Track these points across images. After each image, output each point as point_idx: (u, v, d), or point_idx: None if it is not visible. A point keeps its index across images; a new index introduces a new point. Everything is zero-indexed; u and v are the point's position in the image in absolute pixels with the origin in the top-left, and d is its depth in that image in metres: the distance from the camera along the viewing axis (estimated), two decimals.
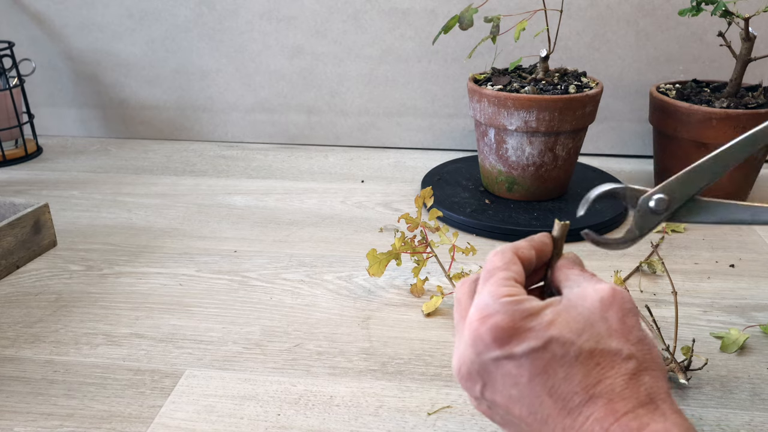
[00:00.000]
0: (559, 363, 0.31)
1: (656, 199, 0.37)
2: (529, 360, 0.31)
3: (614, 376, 0.31)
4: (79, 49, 1.13)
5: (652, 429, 0.29)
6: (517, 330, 0.32)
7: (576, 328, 0.32)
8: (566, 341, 0.31)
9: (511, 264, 0.36)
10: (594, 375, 0.31)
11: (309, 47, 1.08)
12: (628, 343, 0.32)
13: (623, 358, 0.31)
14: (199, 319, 0.62)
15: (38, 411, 0.50)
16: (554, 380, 0.31)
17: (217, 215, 0.86)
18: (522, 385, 0.32)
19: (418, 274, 0.65)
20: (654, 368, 0.32)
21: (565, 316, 0.32)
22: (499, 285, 0.34)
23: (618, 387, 0.31)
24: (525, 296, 0.34)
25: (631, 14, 0.99)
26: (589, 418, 0.30)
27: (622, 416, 0.30)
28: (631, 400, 0.30)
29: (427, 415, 0.49)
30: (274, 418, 0.49)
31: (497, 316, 0.32)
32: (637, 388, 0.31)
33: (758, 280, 0.69)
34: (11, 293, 0.67)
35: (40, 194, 0.93)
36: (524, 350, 0.31)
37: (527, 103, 0.77)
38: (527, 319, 0.32)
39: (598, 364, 0.31)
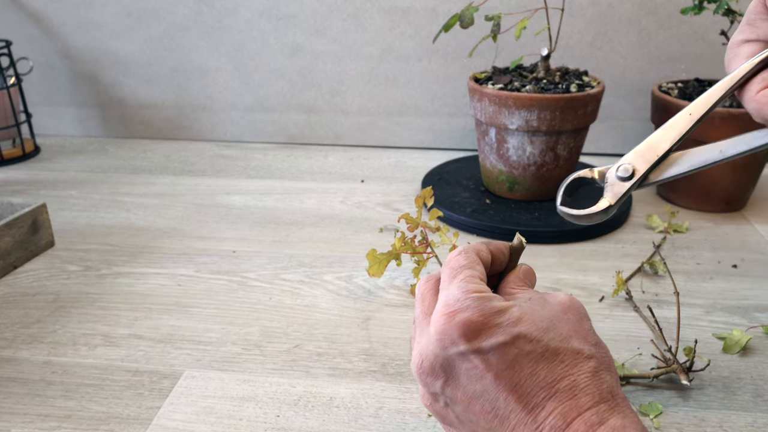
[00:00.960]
0: (526, 359, 0.32)
1: (622, 168, 0.37)
2: (496, 355, 0.32)
3: (578, 373, 0.32)
4: (77, 47, 1.13)
5: (611, 424, 0.31)
6: (486, 325, 0.32)
7: (542, 326, 0.33)
8: (533, 338, 0.32)
9: (476, 264, 0.36)
10: (559, 371, 0.32)
11: (309, 46, 1.08)
12: (588, 343, 0.34)
13: (585, 357, 0.33)
14: (198, 320, 0.61)
15: (36, 412, 0.49)
16: (520, 376, 0.32)
17: (216, 215, 0.85)
18: (487, 381, 0.32)
19: (418, 275, 0.65)
20: (611, 369, 0.34)
21: (531, 314, 0.33)
22: (467, 281, 0.34)
23: (582, 383, 0.32)
24: (492, 294, 0.34)
25: (633, 13, 0.99)
26: (552, 413, 0.31)
27: (585, 411, 0.31)
28: (594, 395, 0.31)
29: (427, 417, 0.49)
30: (274, 420, 0.49)
31: (468, 311, 0.33)
32: (599, 385, 0.32)
33: (761, 280, 0.68)
34: (9, 294, 0.66)
35: (37, 194, 0.93)
36: (492, 345, 0.32)
37: (528, 103, 0.76)
38: (496, 315, 0.33)
39: (563, 361, 0.32)
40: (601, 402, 0.31)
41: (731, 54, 0.36)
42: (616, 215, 0.80)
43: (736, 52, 0.36)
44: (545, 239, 0.76)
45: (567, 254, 0.74)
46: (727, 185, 0.83)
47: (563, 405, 0.31)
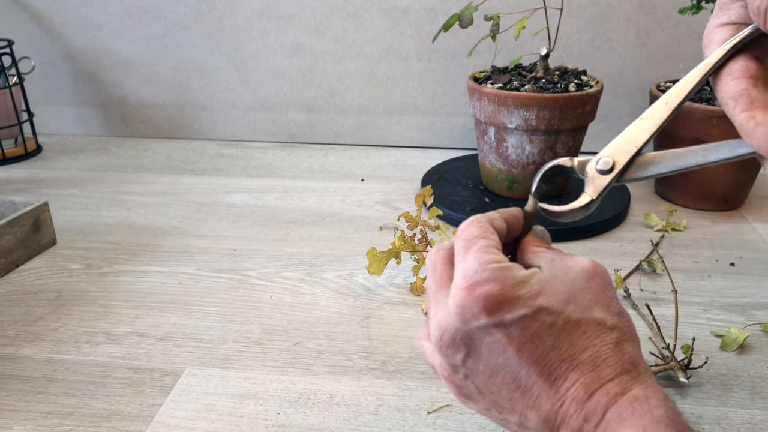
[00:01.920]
0: (548, 332, 0.31)
1: (602, 161, 0.36)
2: (518, 329, 0.31)
3: (600, 344, 0.32)
4: (79, 47, 1.13)
5: (633, 394, 0.30)
6: (507, 298, 0.31)
7: (563, 297, 0.32)
8: (555, 310, 0.32)
9: (490, 233, 0.35)
10: (581, 343, 0.31)
11: (309, 45, 1.08)
12: (611, 313, 0.33)
13: (608, 328, 0.32)
14: (199, 318, 0.62)
15: (38, 409, 0.50)
16: (542, 348, 0.31)
17: (216, 214, 0.86)
18: (509, 354, 0.32)
19: (417, 273, 0.65)
20: (634, 339, 0.33)
21: (552, 285, 0.32)
22: (484, 252, 0.33)
23: (603, 354, 0.31)
24: (511, 263, 0.33)
25: (632, 12, 0.99)
26: (575, 384, 0.31)
27: (607, 382, 0.31)
28: (616, 366, 0.31)
29: (427, 414, 0.49)
30: (274, 417, 0.49)
31: (488, 284, 0.32)
32: (621, 356, 0.32)
33: (758, 278, 0.69)
34: (11, 292, 0.67)
35: (39, 193, 0.93)
36: (513, 318, 0.31)
37: (527, 102, 0.77)
38: (516, 287, 0.32)
39: (585, 332, 0.32)
40: (624, 373, 0.31)
41: (706, 40, 0.35)
42: (614, 214, 0.80)
43: (711, 38, 0.34)
44: None
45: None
46: (725, 184, 0.83)
47: (585, 376, 0.31)
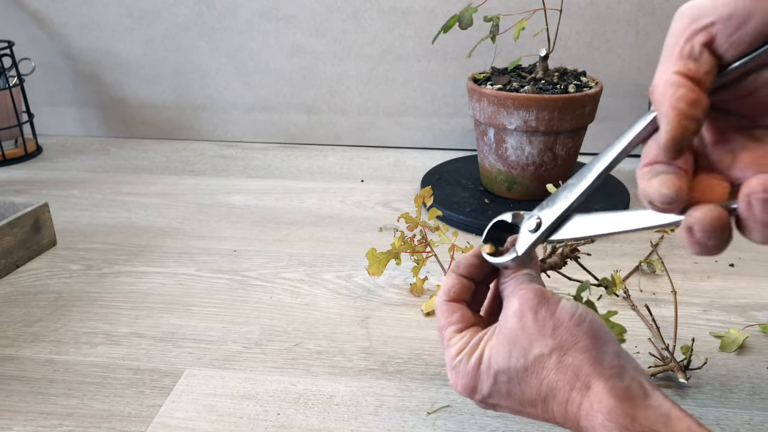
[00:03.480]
0: (512, 386, 0.37)
1: (530, 220, 0.39)
2: (495, 394, 0.37)
3: (547, 374, 0.35)
4: (79, 48, 1.13)
5: (583, 408, 0.34)
6: (474, 381, 0.38)
7: (505, 353, 0.37)
8: (505, 369, 0.36)
9: (450, 316, 0.41)
10: (535, 382, 0.36)
11: (308, 46, 1.08)
12: (546, 338, 0.36)
13: (547, 356, 0.35)
14: (199, 319, 0.62)
15: (38, 410, 0.50)
16: (519, 396, 0.37)
17: (216, 215, 0.86)
18: (507, 405, 0.38)
19: (417, 274, 0.65)
20: (573, 345, 0.35)
21: (497, 347, 0.37)
22: (449, 345, 0.40)
23: (552, 381, 0.35)
24: (469, 345, 0.39)
25: (631, 13, 0.99)
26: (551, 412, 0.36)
27: (566, 404, 0.35)
28: (566, 387, 0.35)
29: (427, 415, 0.49)
30: (274, 418, 0.49)
31: (459, 379, 0.39)
32: (564, 374, 0.35)
33: (758, 279, 0.69)
34: (11, 292, 0.67)
35: (39, 194, 0.93)
36: (487, 392, 0.38)
37: (527, 103, 0.77)
38: (477, 370, 0.38)
39: (533, 372, 0.36)
40: (571, 390, 0.34)
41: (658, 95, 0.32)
42: None
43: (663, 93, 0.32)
44: None
45: None
46: None
47: (551, 405, 0.35)
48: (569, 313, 0.36)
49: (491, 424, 0.48)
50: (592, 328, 0.36)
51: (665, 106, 0.29)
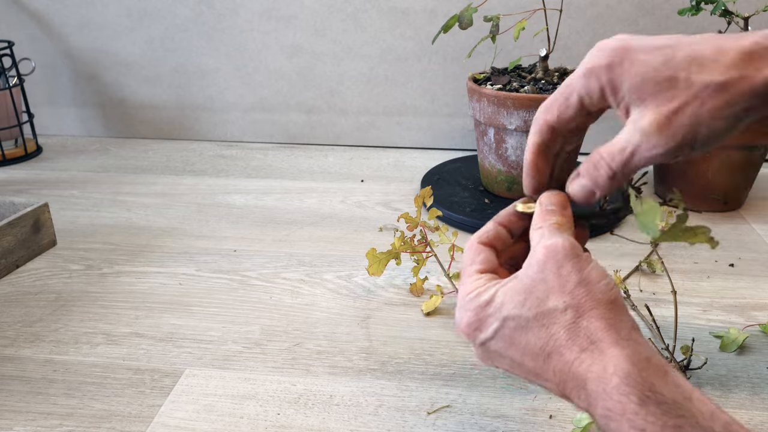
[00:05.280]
0: (518, 333, 0.36)
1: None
2: (498, 338, 0.37)
3: (557, 331, 0.34)
4: (79, 48, 1.13)
5: (593, 371, 0.32)
6: (480, 320, 0.37)
7: (519, 301, 0.36)
8: (515, 316, 0.36)
9: (476, 256, 0.40)
10: (543, 335, 0.35)
11: (308, 46, 1.08)
12: (564, 294, 0.35)
13: (561, 312, 0.34)
14: (199, 319, 0.62)
15: (38, 410, 0.50)
16: (522, 346, 0.36)
17: (216, 215, 0.86)
18: (507, 354, 0.37)
19: (417, 274, 0.65)
20: (590, 309, 0.34)
21: (511, 293, 0.36)
22: (465, 283, 0.39)
23: (562, 339, 0.34)
24: (485, 286, 0.38)
25: (631, 14, 0.99)
26: (552, 371, 0.34)
27: (571, 363, 0.33)
28: (574, 348, 0.33)
29: (427, 415, 0.49)
30: (274, 418, 0.49)
31: (465, 313, 0.38)
32: (576, 336, 0.34)
33: (758, 279, 0.69)
34: (11, 292, 0.67)
35: (39, 194, 0.93)
36: (491, 333, 0.37)
37: (527, 103, 0.77)
38: (486, 308, 0.37)
39: (543, 325, 0.35)
40: (582, 352, 0.33)
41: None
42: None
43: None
44: None
45: None
46: (724, 185, 0.83)
47: (555, 362, 0.34)
48: (597, 277, 0.35)
49: (491, 424, 0.48)
50: (616, 299, 0.35)
51: None
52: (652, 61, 0.35)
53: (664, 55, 0.35)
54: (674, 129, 0.34)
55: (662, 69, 0.35)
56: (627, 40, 0.36)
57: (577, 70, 0.38)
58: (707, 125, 0.34)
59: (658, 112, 0.35)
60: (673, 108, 0.34)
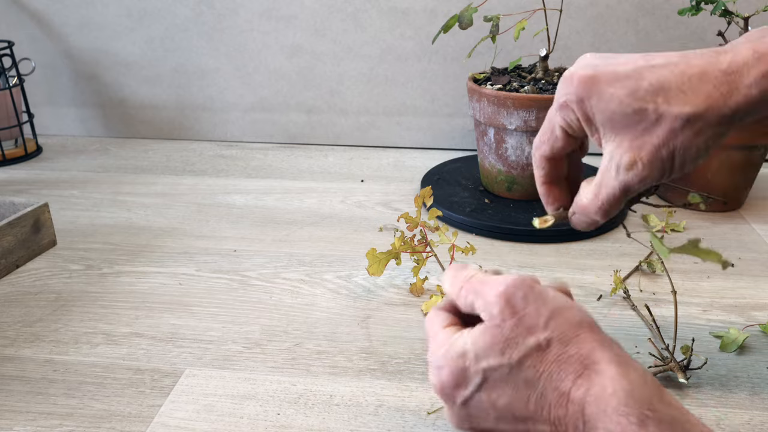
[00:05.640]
0: (504, 383, 0.34)
1: None
2: (483, 392, 0.34)
3: (547, 367, 0.33)
4: (79, 48, 1.13)
5: (592, 394, 0.31)
6: (459, 376, 0.35)
7: (497, 350, 0.34)
8: (497, 365, 0.34)
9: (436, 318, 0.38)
10: (532, 375, 0.33)
11: (308, 46, 1.08)
12: (542, 330, 0.33)
13: (545, 348, 0.33)
14: (199, 319, 0.62)
15: (38, 410, 0.50)
16: (510, 394, 0.33)
17: (216, 215, 0.86)
18: (494, 407, 0.34)
19: (417, 274, 0.65)
20: (575, 335, 0.33)
21: (483, 342, 0.34)
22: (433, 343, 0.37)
23: (554, 373, 0.32)
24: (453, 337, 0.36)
25: (631, 14, 0.99)
26: (549, 408, 0.32)
27: (569, 393, 0.32)
28: (569, 377, 0.32)
29: (427, 415, 0.49)
30: (274, 418, 0.49)
31: (441, 371, 0.35)
32: (568, 365, 0.32)
33: (758, 279, 0.69)
34: (11, 292, 0.67)
35: (39, 194, 0.93)
36: (474, 388, 0.34)
37: (527, 103, 0.77)
38: (461, 359, 0.34)
39: (530, 366, 0.33)
40: (577, 378, 0.32)
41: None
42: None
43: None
44: (543, 239, 0.77)
45: (565, 253, 0.74)
46: (724, 185, 0.83)
47: (551, 399, 0.32)
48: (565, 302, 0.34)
49: None
50: (591, 318, 0.34)
51: None
52: (618, 93, 0.36)
53: (629, 86, 0.36)
54: (653, 162, 0.36)
55: (629, 101, 0.36)
56: (593, 69, 0.37)
57: (554, 102, 0.39)
58: (682, 154, 0.35)
59: (634, 148, 0.36)
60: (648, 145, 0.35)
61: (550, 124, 0.41)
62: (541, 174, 0.43)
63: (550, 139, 0.41)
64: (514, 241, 0.77)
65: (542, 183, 0.43)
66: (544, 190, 0.44)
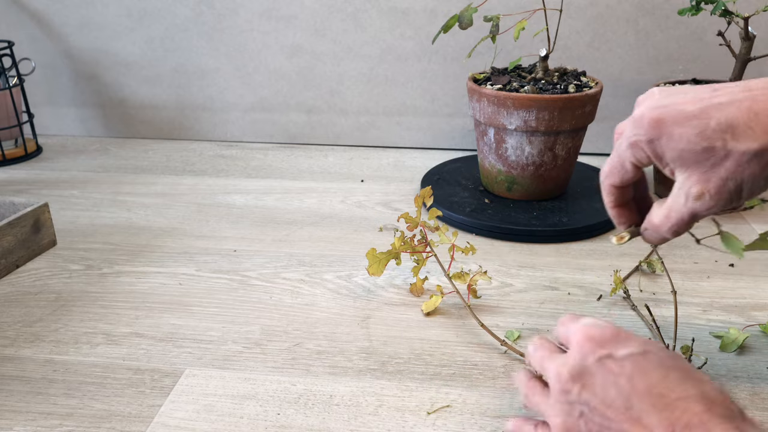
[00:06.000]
0: (656, 368, 0.36)
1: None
2: (629, 361, 0.36)
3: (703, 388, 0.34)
4: (79, 48, 1.13)
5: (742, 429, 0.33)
6: (619, 337, 0.38)
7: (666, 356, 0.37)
8: (662, 358, 0.36)
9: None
10: (689, 382, 0.35)
11: (308, 46, 1.08)
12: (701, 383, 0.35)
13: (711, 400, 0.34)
14: (199, 319, 0.62)
15: (38, 410, 0.50)
16: (651, 380, 0.35)
17: (216, 215, 0.86)
18: (621, 384, 0.35)
19: (417, 274, 0.65)
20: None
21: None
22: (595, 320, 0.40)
23: (711, 394, 0.34)
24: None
25: (631, 13, 0.99)
26: (686, 412, 0.33)
27: (718, 417, 0.33)
28: (724, 408, 0.34)
29: (427, 415, 0.49)
30: (274, 418, 0.49)
31: (603, 328, 0.38)
32: (723, 400, 0.34)
33: (758, 279, 0.69)
34: (11, 292, 0.67)
35: (39, 194, 0.93)
36: (625, 354, 0.37)
37: (527, 103, 0.77)
38: (626, 333, 0.38)
39: (690, 377, 0.35)
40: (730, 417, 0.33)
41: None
42: None
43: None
44: (543, 239, 0.77)
45: (565, 253, 0.75)
46: None
47: (698, 407, 0.33)
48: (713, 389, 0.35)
49: (491, 424, 0.48)
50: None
51: None
52: (688, 133, 0.38)
53: (698, 126, 0.38)
54: (720, 194, 0.38)
55: (698, 141, 0.38)
56: (661, 111, 0.40)
57: (621, 141, 0.43)
58: (750, 185, 0.38)
59: (703, 181, 0.39)
60: (716, 178, 0.38)
61: (620, 159, 0.43)
62: (611, 200, 0.46)
63: (620, 172, 0.44)
64: (514, 241, 0.77)
65: (612, 207, 0.47)
66: (614, 213, 0.47)
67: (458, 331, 0.60)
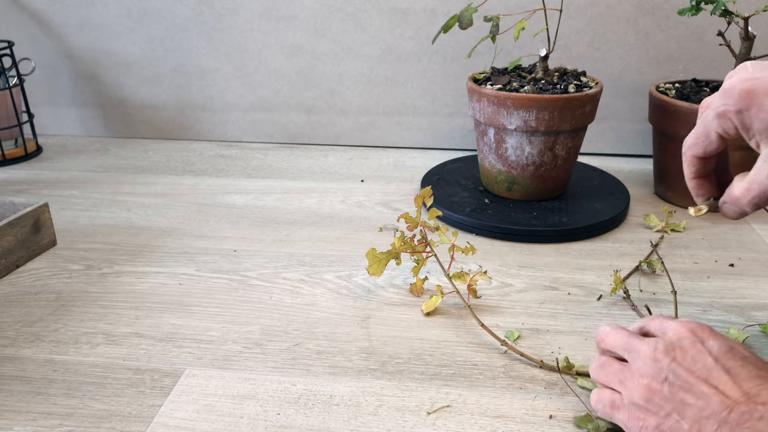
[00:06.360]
0: (738, 359, 0.39)
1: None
2: (717, 348, 0.40)
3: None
4: (79, 48, 1.13)
5: None
6: (713, 332, 0.42)
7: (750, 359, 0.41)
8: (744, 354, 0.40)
9: None
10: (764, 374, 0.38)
11: (308, 46, 1.08)
12: None
13: None
14: (199, 319, 0.62)
15: (38, 410, 0.50)
16: (732, 364, 0.39)
17: (216, 215, 0.86)
18: (707, 360, 0.40)
19: (417, 274, 0.65)
20: None
21: None
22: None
23: None
24: None
25: (631, 13, 0.99)
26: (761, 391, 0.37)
27: None
28: None
29: (427, 415, 0.49)
30: (274, 418, 0.49)
31: (703, 325, 0.42)
32: None
33: (758, 279, 0.69)
34: (11, 292, 0.67)
35: (39, 193, 0.93)
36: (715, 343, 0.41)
37: (527, 103, 0.77)
38: (719, 333, 0.42)
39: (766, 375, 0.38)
40: None
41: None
42: (614, 215, 0.80)
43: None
44: (543, 239, 0.77)
45: (565, 253, 0.75)
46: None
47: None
48: None
49: (491, 424, 0.48)
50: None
51: None
52: None
53: None
54: None
55: None
56: (753, 83, 0.40)
57: (708, 111, 0.44)
58: None
59: None
60: None
61: (706, 129, 0.44)
62: (692, 171, 0.47)
63: (704, 142, 0.45)
64: (514, 241, 0.77)
65: (692, 178, 0.47)
66: (694, 184, 0.48)
67: (458, 331, 0.60)
